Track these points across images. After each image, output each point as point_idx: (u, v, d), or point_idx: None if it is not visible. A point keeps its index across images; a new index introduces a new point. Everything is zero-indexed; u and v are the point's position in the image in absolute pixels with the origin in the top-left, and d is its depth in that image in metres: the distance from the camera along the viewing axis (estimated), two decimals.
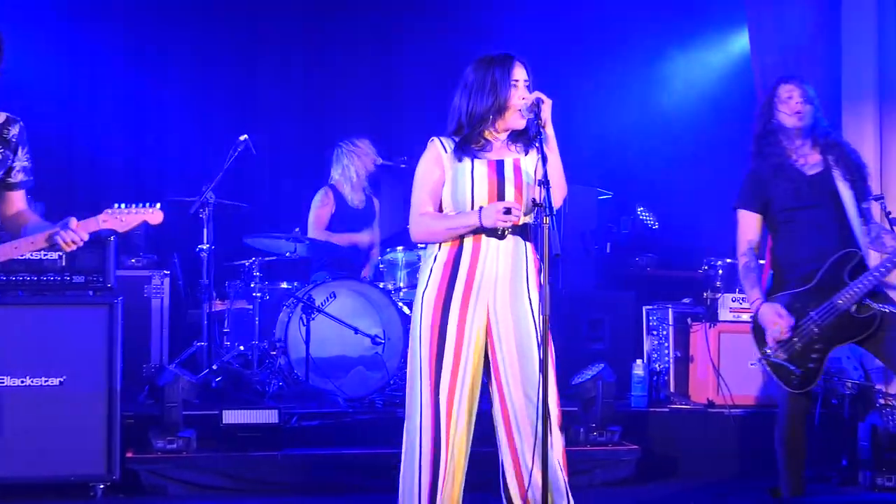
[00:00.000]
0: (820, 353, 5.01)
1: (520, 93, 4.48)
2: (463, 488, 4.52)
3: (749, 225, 5.29)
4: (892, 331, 4.96)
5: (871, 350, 5.11)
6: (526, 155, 4.53)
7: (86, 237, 4.35)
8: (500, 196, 4.46)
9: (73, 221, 4.33)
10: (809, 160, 5.21)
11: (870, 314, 4.96)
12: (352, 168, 8.33)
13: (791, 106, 5.20)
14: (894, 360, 5.00)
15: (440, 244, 4.53)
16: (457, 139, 4.54)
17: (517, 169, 4.50)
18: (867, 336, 5.00)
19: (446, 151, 4.54)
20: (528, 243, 4.53)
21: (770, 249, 5.34)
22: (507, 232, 4.45)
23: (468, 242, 4.47)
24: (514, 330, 4.45)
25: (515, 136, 4.58)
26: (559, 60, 9.86)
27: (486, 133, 4.55)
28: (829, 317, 4.99)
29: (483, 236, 4.46)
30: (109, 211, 4.47)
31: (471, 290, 4.44)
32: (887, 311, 4.96)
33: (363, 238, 8.31)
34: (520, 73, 4.51)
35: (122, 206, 4.50)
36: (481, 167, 4.49)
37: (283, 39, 9.92)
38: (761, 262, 5.44)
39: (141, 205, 4.53)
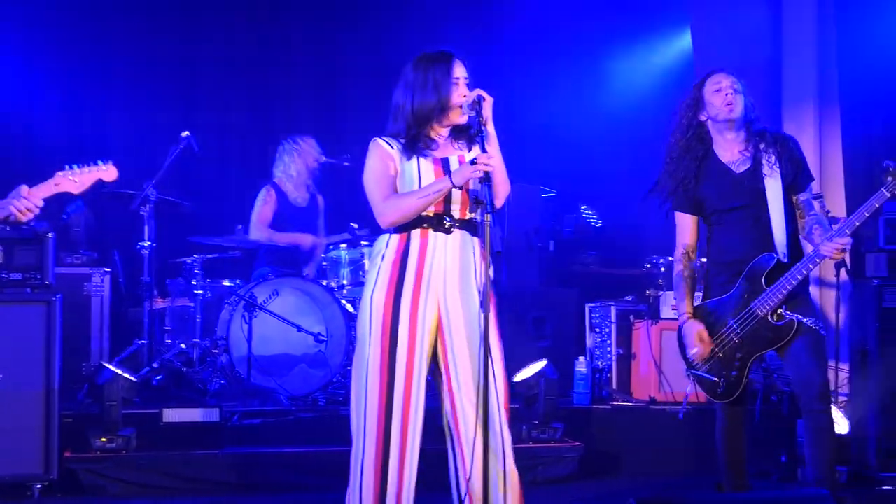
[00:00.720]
0: (741, 362, 4.89)
1: (461, 90, 4.48)
2: (415, 486, 4.51)
3: (684, 227, 5.13)
4: (802, 342, 4.80)
5: (782, 360, 4.98)
6: (469, 151, 4.53)
7: (40, 203, 4.29)
8: (449, 198, 4.45)
9: (25, 189, 4.26)
10: (739, 156, 5.02)
11: (786, 321, 4.80)
12: (293, 166, 8.29)
13: (721, 97, 4.98)
14: (796, 372, 4.85)
15: (388, 241, 4.51)
16: (401, 139, 4.53)
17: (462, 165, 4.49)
18: (783, 344, 4.84)
19: (392, 149, 4.53)
20: (475, 238, 4.52)
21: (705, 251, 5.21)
22: (454, 227, 4.44)
23: (415, 238, 4.47)
24: (464, 326, 4.45)
25: (457, 133, 4.58)
26: (504, 59, 9.88)
27: (430, 131, 4.54)
28: (747, 324, 4.86)
29: (430, 231, 4.46)
30: (61, 173, 4.40)
31: (420, 286, 4.44)
32: (803, 321, 4.79)
33: (305, 239, 8.26)
34: (460, 71, 4.51)
35: (75, 166, 4.43)
36: (428, 165, 4.48)
37: (226, 38, 9.82)
38: (703, 259, 5.46)
39: (93, 163, 4.46)
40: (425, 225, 4.46)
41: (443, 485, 4.61)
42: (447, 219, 4.47)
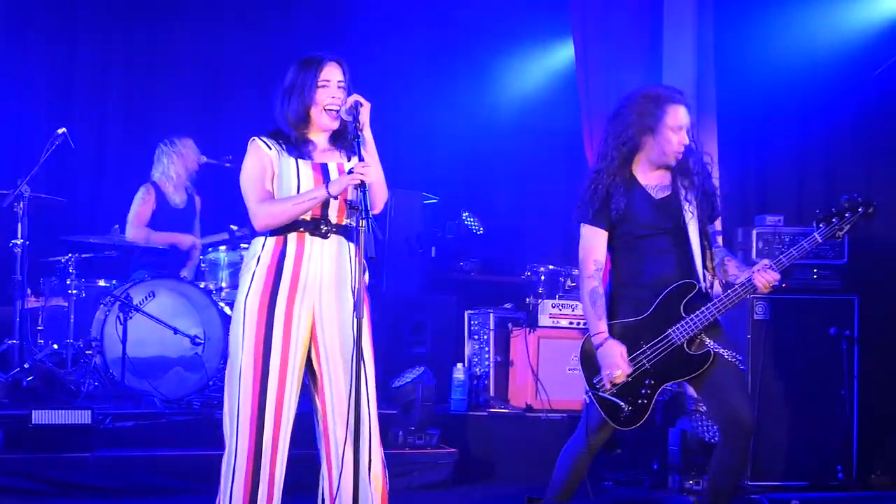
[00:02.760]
0: (651, 389, 4.71)
1: (330, 92, 4.45)
2: (282, 491, 4.48)
3: (597, 243, 4.83)
4: (718, 374, 4.69)
5: (697, 389, 4.88)
6: (349, 160, 4.51)
7: None
8: (326, 203, 4.42)
9: None
10: (658, 181, 4.84)
11: (703, 351, 4.68)
12: (173, 168, 8.20)
13: (677, 141, 4.75)
14: (719, 406, 4.73)
15: (263, 244, 4.48)
16: (280, 140, 4.50)
17: (341, 173, 4.46)
18: (697, 375, 4.72)
19: (270, 149, 4.49)
20: (351, 244, 4.50)
21: (609, 271, 4.97)
22: (331, 232, 4.43)
23: (292, 243, 4.44)
24: (338, 332, 4.43)
25: (335, 138, 4.55)
26: (387, 65, 9.86)
27: (308, 135, 4.52)
28: (662, 351, 4.69)
29: (307, 235, 4.43)
30: None
31: (296, 292, 4.41)
32: (720, 352, 4.69)
33: (185, 239, 8.16)
34: (331, 74, 4.47)
35: None
36: (306, 169, 4.45)
37: (103, 37, 9.62)
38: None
39: None
40: (302, 229, 4.43)
41: (312, 489, 4.59)
42: (324, 223, 4.45)
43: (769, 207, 7.34)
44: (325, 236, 4.44)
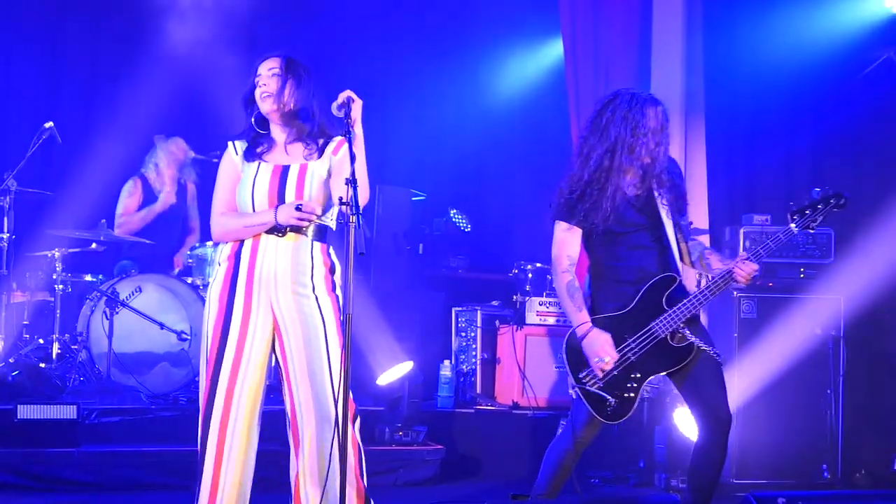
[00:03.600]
0: (637, 382, 4.72)
1: (261, 80, 4.53)
2: (250, 487, 4.47)
3: (572, 240, 4.83)
4: (699, 368, 4.73)
5: (677, 384, 4.85)
6: (318, 159, 4.49)
7: None
8: (281, 201, 4.44)
9: None
10: (632, 180, 4.83)
11: (686, 344, 4.70)
12: (162, 163, 8.25)
13: (654, 143, 4.75)
14: (700, 401, 4.74)
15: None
16: (249, 141, 4.57)
17: (301, 175, 4.46)
18: (679, 368, 4.73)
19: (237, 154, 4.56)
20: (317, 244, 4.49)
21: (588, 267, 4.96)
22: (287, 229, 4.43)
23: (248, 240, 4.47)
24: (301, 331, 4.42)
25: (306, 138, 4.55)
26: (376, 62, 9.85)
27: (271, 133, 4.57)
28: (647, 344, 4.70)
29: (263, 233, 4.44)
30: None
31: (252, 286, 4.43)
32: (703, 346, 4.72)
33: (161, 204, 8.19)
34: (263, 67, 4.56)
35: None
36: (265, 171, 4.49)
37: (91, 31, 9.57)
38: None
39: None
40: None
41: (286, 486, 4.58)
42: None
43: (757, 207, 7.36)
44: (281, 234, 4.44)
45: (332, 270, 4.51)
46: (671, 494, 6.45)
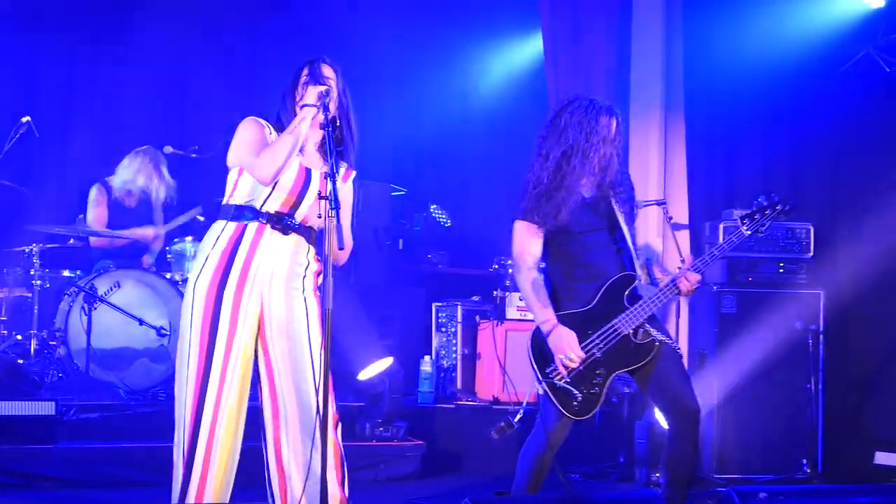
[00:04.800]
0: (602, 378, 4.77)
1: (303, 92, 4.50)
2: (231, 484, 4.45)
3: (534, 239, 4.88)
4: (663, 363, 4.79)
5: (638, 381, 4.92)
6: (338, 171, 4.44)
7: None
8: (298, 202, 4.43)
9: None
10: (588, 183, 4.88)
11: (648, 340, 4.77)
12: (128, 175, 8.13)
13: (608, 153, 4.83)
14: (667, 396, 4.81)
15: (223, 228, 4.45)
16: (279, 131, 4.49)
17: (322, 183, 4.34)
18: (642, 365, 4.80)
19: (270, 134, 4.48)
20: (312, 247, 4.51)
21: (546, 267, 4.99)
22: (290, 229, 4.42)
23: (249, 232, 4.42)
24: (287, 328, 4.41)
25: (322, 144, 4.53)
26: (355, 56, 9.81)
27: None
28: (611, 341, 4.76)
29: (267, 227, 4.41)
30: None
31: (245, 280, 4.39)
32: (664, 339, 4.80)
33: (146, 232, 8.10)
34: (325, 69, 4.56)
35: None
36: (292, 164, 4.42)
37: (70, 28, 9.47)
38: None
39: None
40: (263, 220, 4.42)
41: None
42: (287, 219, 4.43)
43: (737, 203, 7.37)
44: (285, 232, 4.42)
45: (318, 272, 4.51)
46: (652, 489, 6.45)
